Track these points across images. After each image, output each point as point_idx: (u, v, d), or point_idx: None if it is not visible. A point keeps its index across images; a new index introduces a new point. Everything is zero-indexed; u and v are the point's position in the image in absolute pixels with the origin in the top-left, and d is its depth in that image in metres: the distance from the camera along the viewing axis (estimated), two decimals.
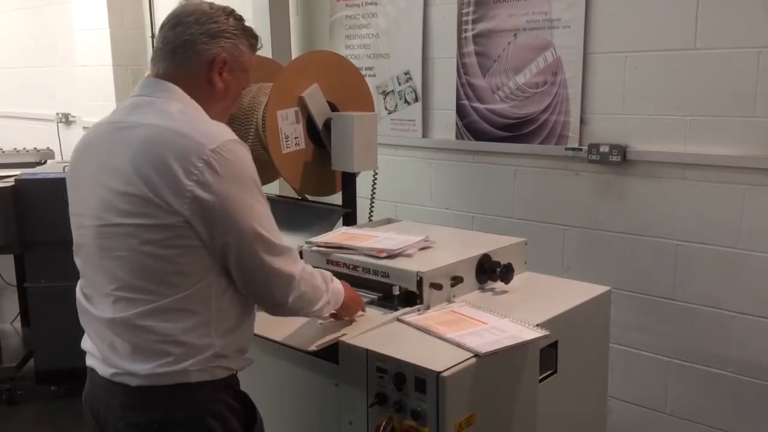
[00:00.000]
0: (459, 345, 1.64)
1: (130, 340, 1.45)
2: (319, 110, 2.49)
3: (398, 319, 1.83)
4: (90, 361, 1.56)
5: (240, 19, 1.59)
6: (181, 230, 1.40)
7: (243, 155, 1.46)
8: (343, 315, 1.78)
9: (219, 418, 1.51)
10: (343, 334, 1.74)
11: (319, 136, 2.51)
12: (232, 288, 1.50)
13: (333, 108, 2.55)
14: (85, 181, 1.52)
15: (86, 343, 1.59)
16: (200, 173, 1.38)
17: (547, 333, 1.72)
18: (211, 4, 1.57)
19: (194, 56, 1.52)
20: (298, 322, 1.85)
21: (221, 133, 1.45)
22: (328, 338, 1.72)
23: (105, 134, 1.52)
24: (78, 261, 1.57)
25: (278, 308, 1.57)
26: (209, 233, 1.41)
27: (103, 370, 1.50)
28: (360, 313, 1.84)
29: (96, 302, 1.52)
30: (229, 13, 1.58)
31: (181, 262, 1.42)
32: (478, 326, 1.75)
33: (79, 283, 1.59)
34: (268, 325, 1.76)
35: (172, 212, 1.38)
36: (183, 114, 1.48)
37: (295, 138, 2.46)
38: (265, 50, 3.70)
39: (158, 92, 1.51)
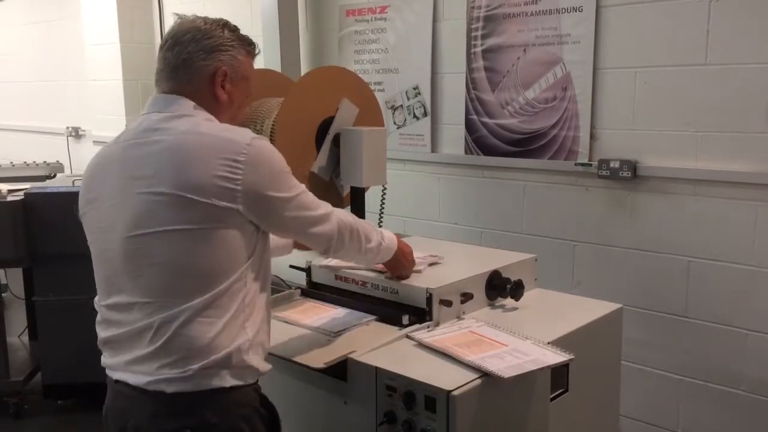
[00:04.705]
0: (480, 368, 1.60)
1: (165, 346, 1.46)
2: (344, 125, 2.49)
3: (407, 336, 1.81)
4: (117, 375, 1.55)
5: (234, 30, 1.64)
6: (223, 225, 1.45)
7: (272, 148, 1.54)
8: (393, 272, 1.93)
9: (249, 422, 1.53)
10: (352, 351, 1.72)
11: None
12: (260, 280, 1.56)
13: None
14: (108, 197, 1.54)
15: (110, 359, 1.58)
16: (242, 166, 1.45)
17: (572, 357, 1.69)
18: (205, 20, 1.61)
19: (195, 73, 1.57)
20: (307, 338, 1.84)
21: (246, 132, 1.53)
22: (337, 355, 1.71)
23: (125, 150, 1.55)
24: (100, 275, 1.58)
25: (325, 254, 1.74)
26: (257, 221, 1.51)
27: (136, 380, 1.50)
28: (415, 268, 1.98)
29: (127, 312, 1.52)
30: (223, 25, 1.61)
31: (218, 258, 1.46)
32: (499, 348, 1.72)
33: (99, 297, 1.59)
34: (277, 341, 1.76)
35: (218, 209, 1.44)
36: (205, 120, 1.55)
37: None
38: (275, 65, 3.72)
39: (173, 105, 1.56)
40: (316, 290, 2.17)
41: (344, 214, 1.71)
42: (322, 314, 2.00)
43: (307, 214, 1.59)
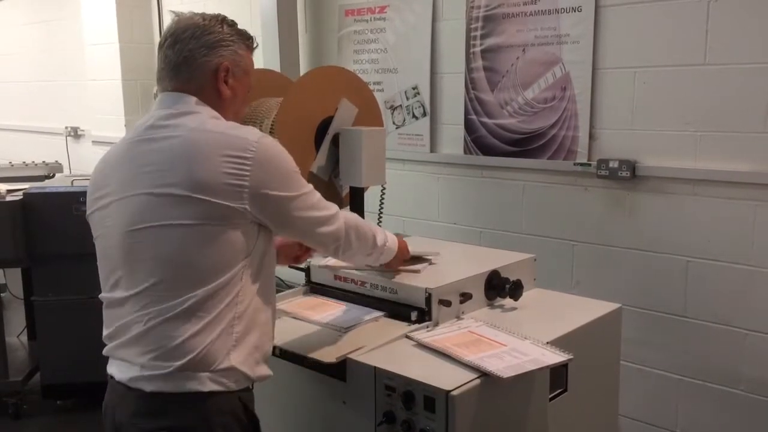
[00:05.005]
0: (479, 368, 1.61)
1: (151, 341, 1.46)
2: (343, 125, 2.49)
3: (406, 336, 1.81)
4: (110, 369, 1.57)
5: (233, 24, 1.64)
6: (224, 223, 1.44)
7: (280, 147, 1.54)
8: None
9: (228, 430, 1.51)
10: (362, 347, 1.73)
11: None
12: (259, 282, 1.54)
13: None
14: (114, 194, 1.53)
15: (108, 351, 1.59)
16: (251, 165, 1.45)
17: (571, 357, 1.69)
18: (204, 16, 1.60)
19: (197, 70, 1.57)
20: (317, 334, 1.86)
21: (254, 130, 1.53)
22: (347, 350, 1.72)
23: (131, 148, 1.55)
24: (104, 272, 1.58)
25: (334, 255, 1.74)
26: (264, 220, 1.51)
27: (120, 376, 1.52)
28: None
29: (122, 306, 1.52)
30: (222, 20, 1.62)
31: (214, 256, 1.45)
32: (498, 348, 1.72)
33: (102, 294, 1.59)
34: (287, 337, 1.77)
35: (223, 207, 1.43)
36: (212, 118, 1.54)
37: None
38: (274, 66, 3.72)
39: (177, 103, 1.55)
40: (314, 291, 2.17)
41: (351, 215, 1.72)
42: (332, 310, 2.01)
43: (315, 214, 1.58)
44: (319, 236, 1.62)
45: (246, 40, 1.65)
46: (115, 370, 1.55)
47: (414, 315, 1.88)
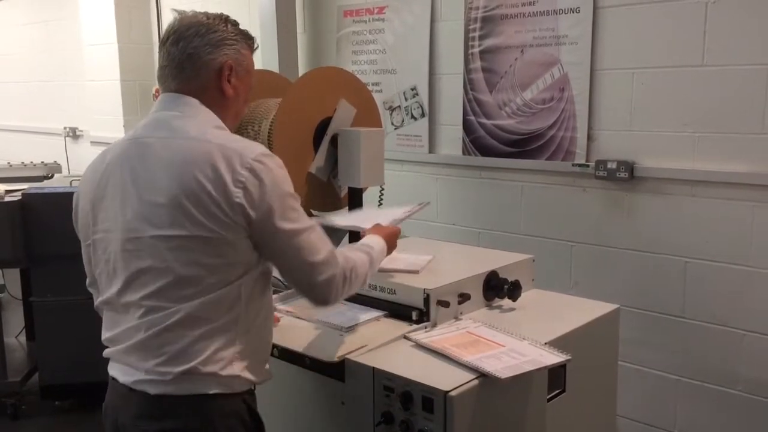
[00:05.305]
0: (477, 369, 1.61)
1: (153, 348, 1.46)
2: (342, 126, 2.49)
3: (405, 336, 1.82)
4: (112, 371, 1.57)
5: (236, 24, 1.63)
6: (219, 235, 1.42)
7: (280, 167, 1.49)
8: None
9: None
10: (364, 346, 1.74)
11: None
12: (258, 294, 1.53)
13: None
14: (111, 197, 1.51)
15: (110, 354, 1.59)
16: (246, 180, 1.42)
17: (569, 357, 1.70)
18: (207, 14, 1.59)
19: (202, 68, 1.55)
20: (319, 333, 1.87)
21: (257, 146, 1.49)
22: (350, 349, 1.72)
23: (131, 149, 1.52)
24: (103, 276, 1.56)
25: (323, 305, 1.61)
26: (257, 241, 1.47)
27: (124, 378, 1.51)
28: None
29: (124, 313, 1.51)
30: (225, 19, 1.60)
31: (213, 267, 1.44)
32: (496, 349, 1.72)
33: (101, 298, 1.57)
34: (289, 336, 1.77)
35: (216, 219, 1.41)
36: (215, 128, 1.52)
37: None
38: (273, 66, 3.72)
39: (181, 107, 1.53)
40: None
41: (342, 257, 1.58)
42: (334, 309, 2.01)
43: (306, 255, 1.49)
44: (306, 279, 1.52)
45: (248, 40, 1.64)
46: (118, 372, 1.54)
47: (415, 315, 1.88)
